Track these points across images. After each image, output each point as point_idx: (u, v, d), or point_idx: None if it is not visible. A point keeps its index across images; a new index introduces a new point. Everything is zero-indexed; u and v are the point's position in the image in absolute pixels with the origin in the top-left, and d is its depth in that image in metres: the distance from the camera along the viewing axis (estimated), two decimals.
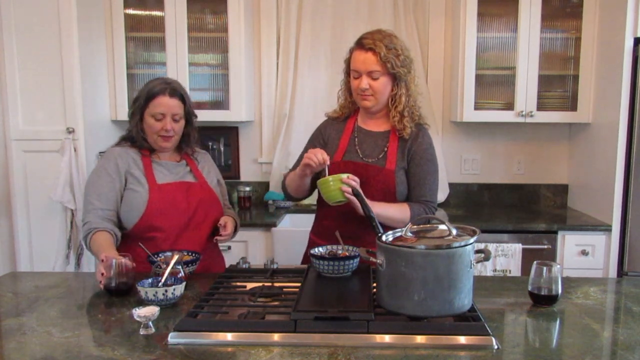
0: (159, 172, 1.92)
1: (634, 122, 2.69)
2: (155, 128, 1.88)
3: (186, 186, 1.93)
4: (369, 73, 1.82)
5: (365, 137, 1.93)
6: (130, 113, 1.94)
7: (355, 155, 1.90)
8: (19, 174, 2.85)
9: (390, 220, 1.78)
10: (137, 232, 1.85)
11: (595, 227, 2.83)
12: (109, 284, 1.59)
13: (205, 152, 2.14)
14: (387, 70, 1.81)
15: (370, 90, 1.84)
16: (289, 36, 3.33)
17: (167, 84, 1.90)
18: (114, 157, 1.90)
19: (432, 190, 1.89)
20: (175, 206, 1.88)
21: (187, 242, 1.89)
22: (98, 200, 1.84)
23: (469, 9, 2.97)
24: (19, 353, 1.23)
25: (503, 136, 3.39)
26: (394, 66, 1.80)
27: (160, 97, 1.87)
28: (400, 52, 1.82)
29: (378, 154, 1.89)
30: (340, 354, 1.21)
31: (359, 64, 1.83)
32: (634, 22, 2.65)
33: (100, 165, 1.90)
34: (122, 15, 3.09)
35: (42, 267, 2.85)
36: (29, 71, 2.80)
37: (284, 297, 1.54)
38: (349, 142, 1.93)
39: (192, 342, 1.26)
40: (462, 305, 1.32)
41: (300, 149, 1.82)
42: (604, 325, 1.43)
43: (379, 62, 1.79)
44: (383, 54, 1.78)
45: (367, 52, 1.81)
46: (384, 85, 1.83)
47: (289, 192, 2.00)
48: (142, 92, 1.90)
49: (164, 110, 1.87)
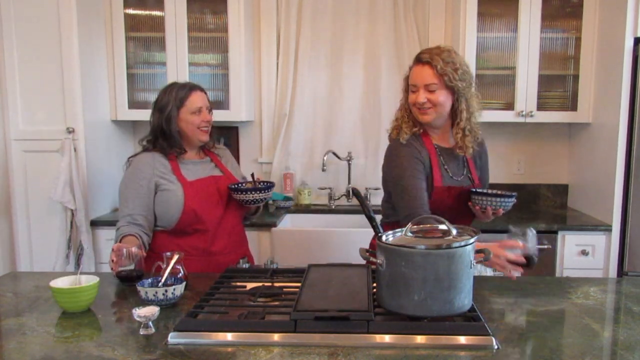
0: (187, 170, 2.04)
1: (634, 122, 2.69)
2: (195, 122, 2.01)
3: (215, 180, 2.06)
4: (426, 86, 1.80)
5: (448, 157, 1.91)
6: (164, 119, 2.00)
7: (449, 180, 1.88)
8: (19, 174, 2.85)
9: None
10: (180, 228, 1.97)
11: (595, 227, 2.83)
12: (119, 273, 1.71)
13: (225, 147, 2.30)
14: (445, 84, 1.79)
15: (428, 103, 1.81)
16: (289, 36, 3.33)
17: (190, 83, 2.07)
18: (142, 163, 2.00)
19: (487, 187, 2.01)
20: (210, 199, 2.01)
21: (227, 231, 2.05)
22: (126, 206, 1.95)
23: (469, 9, 2.97)
24: (19, 353, 1.23)
25: (503, 136, 3.39)
26: (452, 79, 1.78)
27: (193, 93, 2.02)
28: (459, 67, 1.80)
29: (462, 171, 1.91)
30: (340, 354, 1.21)
31: (416, 77, 1.82)
32: (634, 22, 2.65)
33: (130, 173, 2.01)
34: (122, 15, 3.08)
35: (42, 267, 2.85)
36: (29, 71, 2.80)
37: (284, 297, 1.54)
38: (438, 164, 1.87)
39: (192, 342, 1.26)
40: (462, 305, 1.32)
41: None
42: (604, 325, 1.43)
43: (436, 75, 1.78)
44: (440, 67, 1.77)
45: (424, 65, 1.80)
46: (443, 98, 1.81)
47: None
48: (171, 97, 2.00)
49: (201, 103, 2.02)
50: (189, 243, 1.99)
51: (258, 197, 2.00)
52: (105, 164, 3.08)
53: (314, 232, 2.85)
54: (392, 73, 3.32)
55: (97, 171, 2.98)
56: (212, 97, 3.23)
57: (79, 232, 2.80)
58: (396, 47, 3.32)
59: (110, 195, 3.15)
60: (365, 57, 3.36)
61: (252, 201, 2.01)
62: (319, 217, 3.26)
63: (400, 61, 3.28)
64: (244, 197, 1.99)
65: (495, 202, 1.79)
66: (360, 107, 3.40)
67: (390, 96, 3.30)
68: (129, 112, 3.16)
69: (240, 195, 2.00)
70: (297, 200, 3.38)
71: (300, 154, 3.43)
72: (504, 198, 1.79)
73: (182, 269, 1.63)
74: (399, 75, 3.15)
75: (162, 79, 3.10)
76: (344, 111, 3.39)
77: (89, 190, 2.89)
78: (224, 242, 2.05)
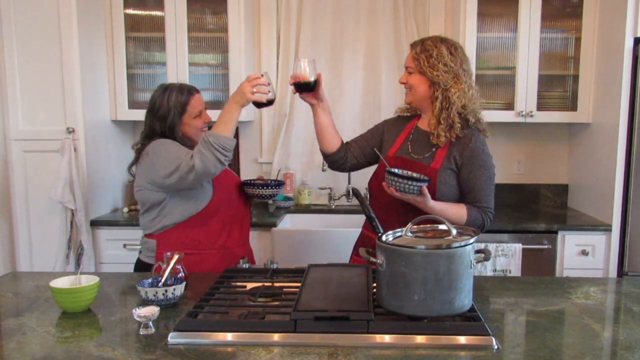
0: None
1: (634, 122, 2.69)
2: (198, 125, 2.04)
3: (231, 173, 2.16)
4: (406, 68, 1.94)
5: (420, 136, 1.97)
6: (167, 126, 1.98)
7: (405, 152, 1.95)
8: (19, 174, 2.85)
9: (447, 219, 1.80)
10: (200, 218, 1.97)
11: (595, 227, 2.83)
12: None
13: None
14: (419, 68, 1.87)
15: (407, 85, 1.93)
16: (289, 36, 3.33)
17: (185, 85, 2.05)
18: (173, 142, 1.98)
19: (486, 196, 1.89)
20: (232, 190, 2.09)
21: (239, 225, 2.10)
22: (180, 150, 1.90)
23: (469, 9, 2.97)
24: (19, 353, 1.23)
25: (503, 136, 3.39)
26: (422, 65, 1.86)
27: (192, 97, 2.03)
28: (435, 57, 1.85)
29: (426, 152, 1.93)
30: (340, 354, 1.21)
31: (405, 58, 1.97)
32: (634, 22, 2.65)
33: (162, 143, 1.94)
34: (122, 15, 3.08)
35: (42, 267, 2.85)
36: (29, 71, 2.80)
37: (284, 297, 1.54)
38: (404, 140, 1.99)
39: (192, 342, 1.26)
40: (462, 305, 1.32)
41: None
42: (604, 325, 1.43)
43: (412, 59, 1.90)
44: (415, 52, 1.89)
45: (411, 48, 1.93)
46: (417, 82, 1.90)
47: (322, 150, 2.09)
48: (171, 103, 1.98)
49: (201, 106, 2.05)
50: (206, 236, 1.99)
51: (268, 192, 2.13)
52: (105, 164, 3.08)
53: (314, 232, 2.85)
54: (392, 73, 3.31)
55: (97, 171, 2.98)
56: (212, 97, 3.23)
57: (79, 232, 2.80)
58: (396, 47, 3.32)
59: (110, 195, 3.15)
60: (365, 57, 3.36)
61: (262, 196, 2.13)
62: (319, 217, 3.26)
63: (400, 61, 3.27)
64: (255, 191, 2.12)
65: (398, 183, 1.74)
66: (360, 107, 3.39)
67: (390, 96, 3.30)
68: (129, 112, 3.16)
69: (252, 190, 2.12)
70: (297, 200, 3.38)
71: (300, 154, 3.43)
72: (408, 180, 1.73)
73: (182, 269, 1.63)
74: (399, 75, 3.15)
75: (162, 79, 3.10)
76: (344, 111, 3.39)
77: (89, 190, 2.89)
78: (237, 236, 2.09)
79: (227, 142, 1.81)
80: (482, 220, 1.86)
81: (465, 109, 1.87)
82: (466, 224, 1.82)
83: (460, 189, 1.90)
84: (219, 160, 1.80)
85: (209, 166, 1.80)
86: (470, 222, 1.83)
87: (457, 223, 1.80)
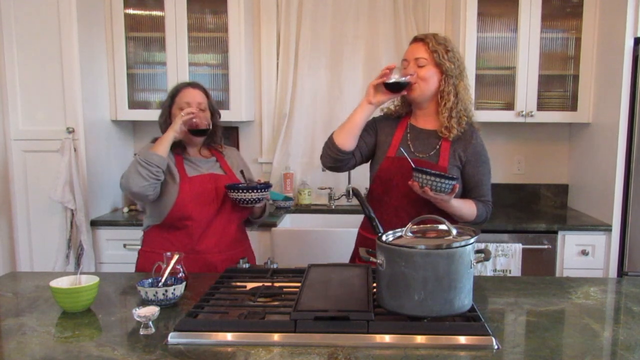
0: (190, 167, 2.05)
1: (634, 122, 2.69)
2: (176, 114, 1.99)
3: (215, 178, 2.05)
4: (416, 60, 1.87)
5: (418, 134, 1.96)
6: (163, 118, 2.08)
7: (408, 152, 1.92)
8: (19, 174, 2.85)
9: (460, 216, 1.87)
10: (170, 221, 1.98)
11: (595, 227, 2.83)
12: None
13: (234, 147, 2.32)
14: (435, 60, 1.85)
15: (416, 77, 1.86)
16: (289, 36, 3.33)
17: (191, 82, 2.12)
18: None
19: (489, 190, 1.96)
20: (205, 196, 2.00)
21: (218, 231, 2.02)
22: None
23: (469, 9, 2.97)
24: (19, 353, 1.23)
25: (503, 136, 3.39)
26: (441, 57, 1.84)
27: (183, 90, 2.04)
28: (450, 49, 1.87)
29: (430, 150, 1.92)
30: (340, 354, 1.21)
31: (408, 53, 1.91)
32: (634, 22, 2.65)
33: None
34: (122, 15, 3.08)
35: (42, 267, 2.85)
36: (29, 71, 2.80)
37: (284, 297, 1.54)
38: (401, 138, 1.96)
39: (192, 342, 1.26)
40: (462, 305, 1.32)
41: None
42: (604, 325, 1.43)
43: (427, 51, 1.86)
44: (432, 44, 1.85)
45: (418, 42, 1.89)
46: (430, 74, 1.86)
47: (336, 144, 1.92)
48: (168, 95, 2.08)
49: (189, 99, 2.02)
50: (178, 239, 1.99)
51: (252, 196, 1.95)
52: (105, 164, 3.07)
53: (314, 232, 2.85)
54: None
55: (97, 171, 2.98)
56: (212, 97, 3.22)
57: (79, 232, 2.80)
58: (396, 48, 3.32)
59: (110, 195, 3.15)
60: (365, 57, 3.36)
61: (246, 201, 1.96)
62: (319, 217, 3.26)
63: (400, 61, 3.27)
64: (237, 195, 1.95)
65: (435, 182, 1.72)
66: None
67: None
68: (129, 112, 3.16)
69: (234, 194, 1.96)
70: (297, 200, 3.38)
71: (300, 154, 3.43)
72: (443, 179, 1.71)
73: (182, 269, 1.64)
74: None
75: (162, 79, 3.10)
76: (344, 111, 3.38)
77: (89, 190, 2.88)
78: (212, 242, 2.01)
79: (152, 157, 1.87)
80: (486, 213, 1.94)
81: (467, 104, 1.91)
82: (476, 218, 1.90)
83: (464, 185, 1.92)
84: (139, 174, 1.85)
85: (131, 183, 1.86)
86: (479, 216, 1.90)
87: (469, 219, 1.88)
